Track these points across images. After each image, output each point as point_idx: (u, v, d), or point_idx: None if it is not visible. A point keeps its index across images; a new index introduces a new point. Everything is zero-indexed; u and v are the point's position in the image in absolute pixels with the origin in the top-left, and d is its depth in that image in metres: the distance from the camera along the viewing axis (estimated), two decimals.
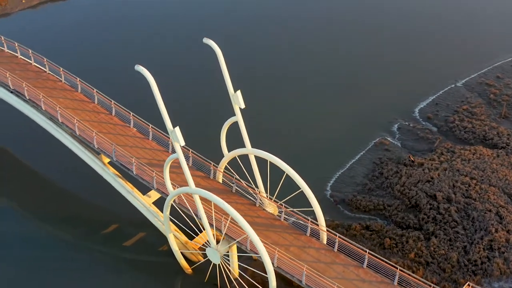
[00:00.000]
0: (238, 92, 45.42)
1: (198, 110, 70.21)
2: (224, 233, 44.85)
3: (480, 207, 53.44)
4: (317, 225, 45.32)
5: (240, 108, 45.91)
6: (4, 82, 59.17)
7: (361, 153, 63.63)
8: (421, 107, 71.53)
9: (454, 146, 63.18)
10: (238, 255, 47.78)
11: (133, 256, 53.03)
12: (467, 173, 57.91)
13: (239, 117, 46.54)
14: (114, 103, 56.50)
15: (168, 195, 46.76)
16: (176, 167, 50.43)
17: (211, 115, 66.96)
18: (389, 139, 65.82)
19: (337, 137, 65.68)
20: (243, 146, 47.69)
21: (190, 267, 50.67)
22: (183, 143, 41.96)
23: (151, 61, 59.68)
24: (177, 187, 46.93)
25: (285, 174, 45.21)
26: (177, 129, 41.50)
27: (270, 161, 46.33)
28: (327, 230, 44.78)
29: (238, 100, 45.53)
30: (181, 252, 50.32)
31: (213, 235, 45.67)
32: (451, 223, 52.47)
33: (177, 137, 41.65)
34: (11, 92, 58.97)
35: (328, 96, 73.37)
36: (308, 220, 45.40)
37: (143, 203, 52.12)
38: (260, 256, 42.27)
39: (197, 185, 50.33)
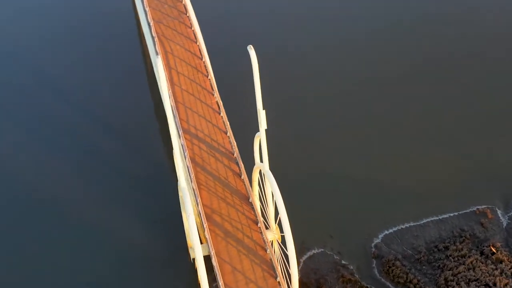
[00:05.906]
0: (263, 111, 42.59)
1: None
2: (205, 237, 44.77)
3: None
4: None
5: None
6: (146, 14, 64.42)
7: (450, 215, 53.84)
8: None
9: None
10: None
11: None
12: None
13: (262, 135, 44.03)
14: (211, 69, 57.41)
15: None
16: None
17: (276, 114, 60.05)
18: (498, 211, 53.94)
19: (436, 184, 56.20)
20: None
21: None
22: (176, 149, 42.33)
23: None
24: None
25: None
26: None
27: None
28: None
29: (260, 119, 42.85)
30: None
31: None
32: None
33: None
34: (148, 24, 64.07)
35: (449, 134, 61.99)
36: (278, 267, 42.31)
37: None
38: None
39: (224, 179, 50.21)
